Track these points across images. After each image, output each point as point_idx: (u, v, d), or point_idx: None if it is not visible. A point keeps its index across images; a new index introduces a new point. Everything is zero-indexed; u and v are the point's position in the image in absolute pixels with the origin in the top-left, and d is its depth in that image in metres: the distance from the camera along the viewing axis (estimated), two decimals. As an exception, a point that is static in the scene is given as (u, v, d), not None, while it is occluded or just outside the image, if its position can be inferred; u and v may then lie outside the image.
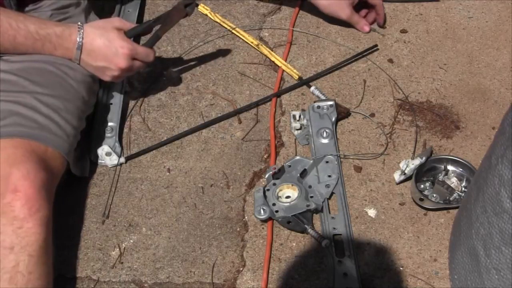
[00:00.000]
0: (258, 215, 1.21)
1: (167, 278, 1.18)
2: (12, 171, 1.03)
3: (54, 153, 1.14)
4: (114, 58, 1.25)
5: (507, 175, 0.89)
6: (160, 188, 1.32)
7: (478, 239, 0.99)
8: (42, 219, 1.02)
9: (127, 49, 1.26)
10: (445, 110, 1.44)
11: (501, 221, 0.91)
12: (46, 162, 1.11)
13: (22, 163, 1.05)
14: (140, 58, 1.30)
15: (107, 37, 1.25)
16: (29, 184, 1.03)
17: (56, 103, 1.20)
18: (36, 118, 1.15)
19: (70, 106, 1.22)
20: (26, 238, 1.00)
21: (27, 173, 1.04)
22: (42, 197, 1.04)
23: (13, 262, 0.98)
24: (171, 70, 1.54)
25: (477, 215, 0.99)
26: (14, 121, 1.12)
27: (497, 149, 0.95)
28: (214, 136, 1.41)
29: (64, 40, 1.23)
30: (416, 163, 1.27)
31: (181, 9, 1.33)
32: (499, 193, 0.91)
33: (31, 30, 1.19)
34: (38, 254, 1.01)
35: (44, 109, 1.17)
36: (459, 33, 1.62)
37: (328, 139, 1.34)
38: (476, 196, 1.01)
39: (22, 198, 1.01)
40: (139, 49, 1.29)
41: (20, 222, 1.00)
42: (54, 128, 1.16)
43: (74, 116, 1.23)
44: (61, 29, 1.23)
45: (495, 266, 0.95)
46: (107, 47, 1.25)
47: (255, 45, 1.58)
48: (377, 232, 1.23)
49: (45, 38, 1.21)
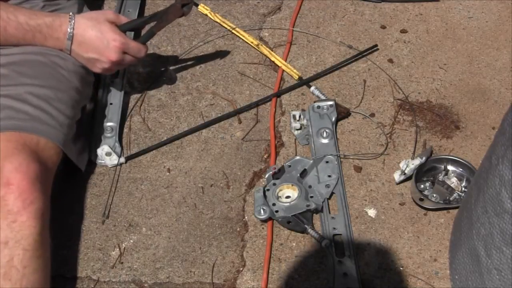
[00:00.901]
0: (258, 215, 1.21)
1: (167, 278, 1.18)
2: (4, 164, 1.02)
3: (47, 143, 1.13)
4: (105, 51, 1.25)
5: (508, 175, 0.89)
6: (160, 188, 1.32)
7: (479, 240, 0.99)
8: (37, 211, 1.01)
9: (119, 42, 1.25)
10: (445, 110, 1.44)
11: (502, 222, 0.91)
12: (39, 153, 1.09)
13: (14, 155, 1.04)
14: (131, 53, 1.29)
15: (99, 29, 1.24)
16: (21, 176, 1.01)
17: (47, 93, 1.19)
18: (27, 110, 1.14)
19: (63, 96, 1.21)
20: (20, 232, 0.99)
21: (19, 165, 1.02)
22: (36, 189, 1.03)
23: (8, 256, 0.97)
24: (171, 70, 1.54)
25: (478, 215, 0.99)
26: (5, 115, 1.11)
27: (497, 149, 0.94)
28: (214, 136, 1.41)
29: (54, 31, 1.22)
30: (416, 163, 1.27)
31: (178, 8, 1.33)
32: (499, 193, 0.91)
33: (21, 21, 1.19)
34: (33, 247, 1.00)
35: (35, 100, 1.16)
36: (459, 33, 1.62)
37: (328, 139, 1.34)
38: (477, 197, 1.01)
39: (15, 191, 1.00)
40: (131, 43, 1.28)
41: (14, 216, 0.99)
42: (46, 118, 1.15)
43: (68, 106, 1.22)
44: (51, 19, 1.22)
45: (496, 266, 0.95)
46: (99, 39, 1.24)
47: (255, 45, 1.58)
48: (377, 232, 1.23)
49: (35, 29, 1.20)
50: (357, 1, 1.71)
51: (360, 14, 1.68)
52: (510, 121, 0.91)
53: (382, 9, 1.69)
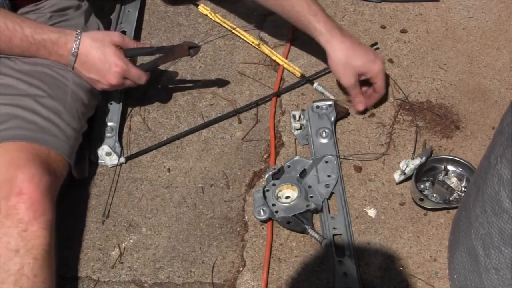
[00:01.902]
0: (258, 215, 1.21)
1: (167, 278, 1.18)
2: (17, 174, 1.03)
3: (56, 156, 1.14)
4: (106, 74, 1.25)
5: (507, 174, 0.89)
6: (160, 188, 1.32)
7: (477, 239, 0.99)
8: (47, 222, 1.03)
9: (120, 68, 1.25)
10: (445, 110, 1.44)
11: (500, 221, 0.91)
12: (50, 165, 1.11)
13: (27, 166, 1.05)
14: (131, 79, 1.29)
15: (104, 51, 1.24)
16: (34, 187, 1.03)
17: (56, 105, 1.19)
18: (37, 121, 1.15)
19: (70, 108, 1.22)
20: (31, 241, 1.00)
21: (31, 176, 1.04)
22: (47, 200, 1.04)
23: (18, 264, 0.98)
24: (171, 70, 1.54)
25: (477, 215, 0.99)
26: (15, 125, 1.12)
27: (496, 148, 0.94)
28: (214, 136, 1.41)
29: (59, 47, 1.22)
30: (416, 163, 1.27)
31: (184, 49, 1.34)
32: (498, 193, 0.91)
33: (26, 34, 1.19)
34: (43, 257, 1.01)
35: (44, 111, 1.17)
36: (459, 33, 1.62)
37: (327, 139, 1.34)
38: (476, 196, 1.01)
39: (27, 201, 1.01)
40: (132, 70, 1.28)
41: (25, 225, 1.00)
42: (55, 131, 1.17)
43: (75, 119, 1.23)
44: (57, 36, 1.22)
45: (494, 266, 0.94)
46: (102, 62, 1.25)
47: (255, 45, 1.58)
48: (377, 232, 1.23)
49: (39, 43, 1.20)
50: (357, 1, 1.71)
51: (360, 14, 1.68)
52: (509, 120, 0.91)
53: (382, 9, 1.69)
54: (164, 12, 1.70)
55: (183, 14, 1.69)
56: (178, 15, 1.69)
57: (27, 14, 1.29)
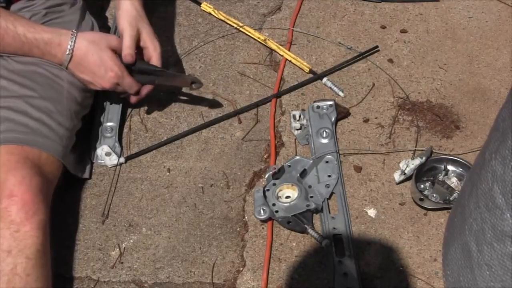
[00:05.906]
0: (258, 215, 1.21)
1: (167, 278, 1.18)
2: (8, 177, 1.04)
3: (48, 157, 1.14)
4: (100, 78, 1.25)
5: (500, 170, 0.89)
6: (160, 188, 1.32)
7: (471, 235, 0.99)
8: (39, 222, 1.03)
9: (115, 74, 1.25)
10: (445, 110, 1.44)
11: (493, 217, 0.91)
12: (41, 166, 1.11)
13: (17, 169, 1.06)
14: (123, 86, 1.29)
15: (100, 56, 1.24)
16: (25, 188, 1.04)
17: (47, 106, 1.19)
18: (27, 123, 1.14)
19: (62, 108, 1.22)
20: (23, 241, 1.01)
21: (22, 178, 1.04)
22: (39, 200, 1.05)
23: (11, 265, 0.99)
24: (171, 70, 1.54)
25: (471, 210, 0.99)
26: (6, 128, 1.12)
27: (490, 144, 0.94)
28: (214, 136, 1.41)
29: (52, 48, 1.21)
30: (416, 163, 1.27)
31: (187, 81, 1.35)
32: (492, 188, 0.91)
33: (19, 32, 1.18)
34: (35, 256, 1.01)
35: (35, 112, 1.16)
36: (459, 33, 1.62)
37: (328, 139, 1.34)
38: (470, 192, 1.00)
39: (18, 202, 1.02)
40: (126, 78, 1.28)
41: (17, 226, 1.01)
42: (46, 132, 1.16)
43: (67, 118, 1.22)
44: (51, 36, 1.21)
45: (486, 262, 0.94)
46: (97, 66, 1.24)
47: (262, 41, 1.58)
48: (377, 232, 1.23)
49: (32, 43, 1.19)
50: (357, 1, 1.71)
51: (360, 14, 1.68)
52: (503, 116, 0.91)
53: (382, 9, 1.69)
54: (164, 12, 1.70)
55: (183, 14, 1.69)
56: (178, 15, 1.69)
57: (21, 11, 1.28)
